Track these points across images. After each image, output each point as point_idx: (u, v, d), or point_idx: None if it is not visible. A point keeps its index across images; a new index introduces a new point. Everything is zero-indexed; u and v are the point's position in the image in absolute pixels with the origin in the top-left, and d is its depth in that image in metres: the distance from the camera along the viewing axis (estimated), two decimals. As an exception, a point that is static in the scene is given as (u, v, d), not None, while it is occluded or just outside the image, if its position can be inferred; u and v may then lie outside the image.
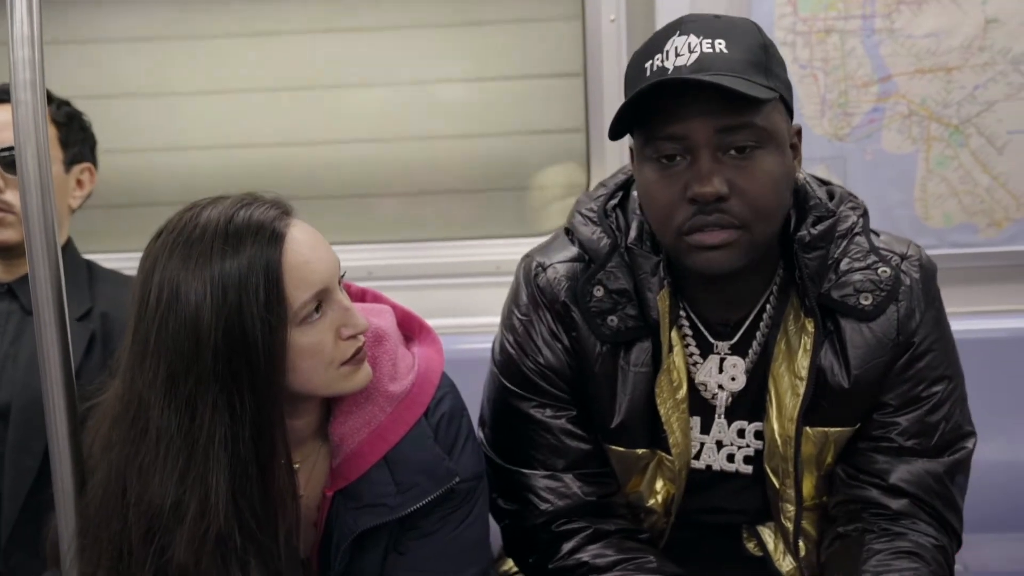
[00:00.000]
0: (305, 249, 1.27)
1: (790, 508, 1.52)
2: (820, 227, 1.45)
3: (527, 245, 1.70)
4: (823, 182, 1.54)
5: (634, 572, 1.47)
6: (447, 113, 2.57)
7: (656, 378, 1.48)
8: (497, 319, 1.65)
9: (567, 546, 1.52)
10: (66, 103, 2.01)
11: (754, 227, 1.36)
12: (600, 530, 1.52)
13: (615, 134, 1.41)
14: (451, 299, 2.42)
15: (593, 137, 2.42)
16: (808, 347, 1.45)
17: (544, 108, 2.53)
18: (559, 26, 2.48)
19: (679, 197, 1.36)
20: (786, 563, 1.57)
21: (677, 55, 1.33)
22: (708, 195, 1.33)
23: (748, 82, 1.31)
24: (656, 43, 1.37)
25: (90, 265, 2.02)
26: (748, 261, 1.39)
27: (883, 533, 1.46)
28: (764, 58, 1.35)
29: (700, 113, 1.32)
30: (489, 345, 1.66)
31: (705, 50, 1.32)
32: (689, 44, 1.33)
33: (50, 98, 1.95)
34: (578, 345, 1.52)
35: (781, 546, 1.57)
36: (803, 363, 1.45)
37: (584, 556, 1.50)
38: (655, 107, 1.35)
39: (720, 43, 1.33)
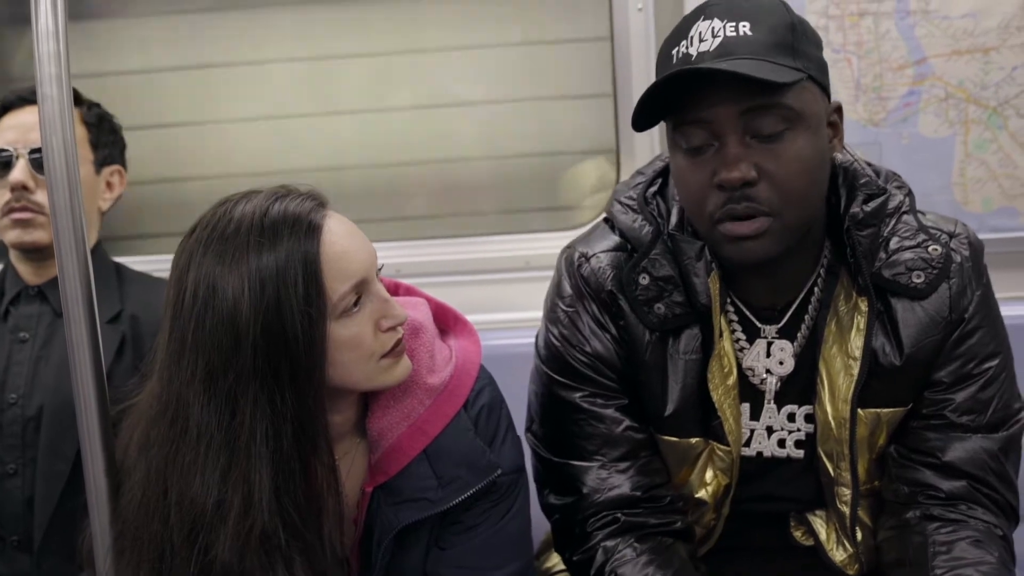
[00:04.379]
0: (343, 240, 1.26)
1: (846, 492, 1.49)
2: (872, 204, 1.44)
3: (557, 239, 1.68)
4: (867, 163, 1.52)
5: None
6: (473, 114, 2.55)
7: (707, 364, 1.46)
8: (527, 314, 1.63)
9: (604, 554, 1.49)
10: (96, 104, 2.00)
11: (785, 213, 1.35)
12: (641, 534, 1.49)
13: (641, 124, 1.39)
14: (481, 295, 2.40)
15: (622, 132, 2.38)
16: (862, 327, 1.43)
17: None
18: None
19: (708, 183, 1.35)
20: (839, 552, 1.54)
21: (701, 40, 1.33)
22: (734, 180, 1.32)
23: (772, 64, 1.30)
24: (682, 29, 1.37)
25: (119, 268, 2.01)
26: (784, 248, 1.38)
27: (946, 523, 1.44)
28: (791, 38, 1.34)
29: (725, 99, 1.31)
30: (520, 340, 1.64)
31: (729, 34, 1.32)
32: (713, 28, 1.33)
33: (80, 99, 1.94)
34: (626, 334, 1.50)
35: (834, 535, 1.54)
36: (856, 343, 1.43)
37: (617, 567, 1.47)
38: (682, 94, 1.34)
39: (744, 25, 1.32)
